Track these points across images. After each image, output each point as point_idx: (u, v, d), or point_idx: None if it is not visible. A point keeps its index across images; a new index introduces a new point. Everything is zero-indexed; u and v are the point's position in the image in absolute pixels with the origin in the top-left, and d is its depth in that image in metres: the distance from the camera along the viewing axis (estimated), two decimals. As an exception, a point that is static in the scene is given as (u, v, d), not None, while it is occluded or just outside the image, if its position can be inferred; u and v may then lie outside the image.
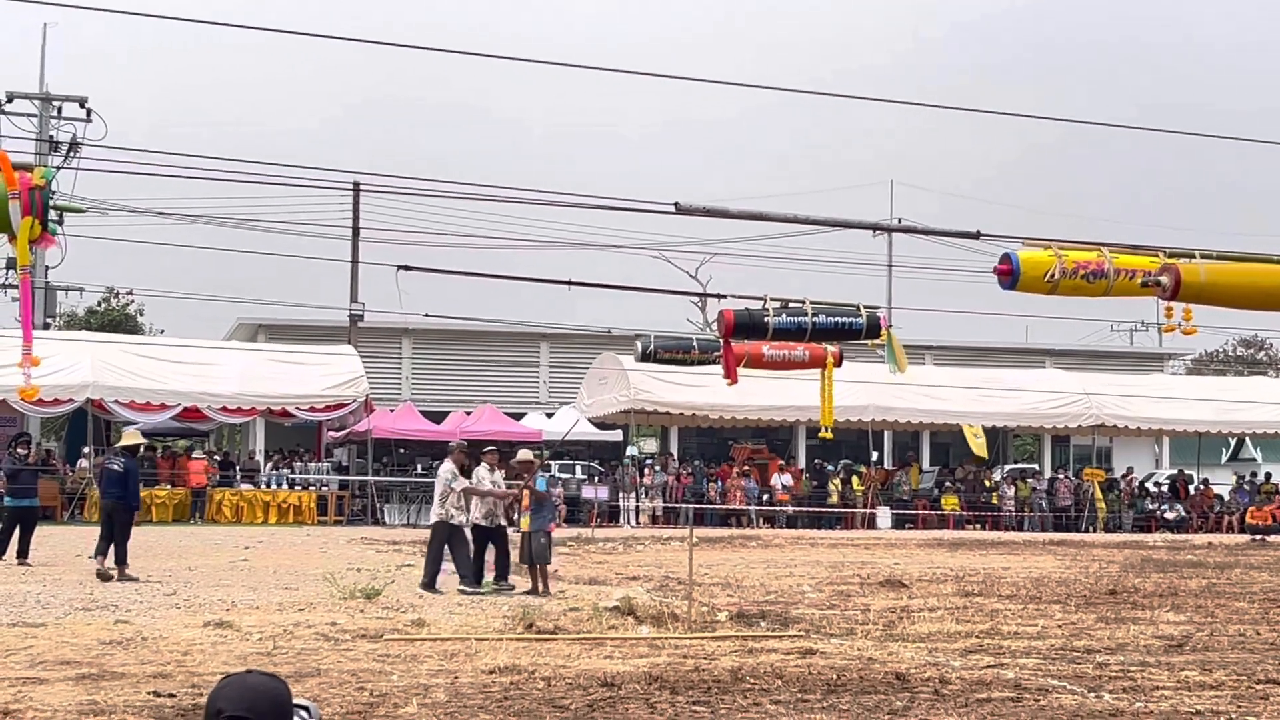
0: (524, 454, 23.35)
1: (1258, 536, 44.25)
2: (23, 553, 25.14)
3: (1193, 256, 13.20)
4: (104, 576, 22.21)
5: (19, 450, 27.18)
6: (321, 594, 20.09)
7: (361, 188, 44.05)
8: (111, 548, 22.76)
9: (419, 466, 45.37)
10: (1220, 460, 60.96)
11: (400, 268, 17.09)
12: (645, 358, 24.82)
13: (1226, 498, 51.04)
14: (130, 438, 25.18)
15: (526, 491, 21.44)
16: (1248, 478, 52.96)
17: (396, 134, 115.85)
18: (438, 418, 46.82)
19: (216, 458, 47.25)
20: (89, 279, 63.42)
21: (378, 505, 43.28)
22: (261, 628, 16.27)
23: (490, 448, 23.13)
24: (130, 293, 67.35)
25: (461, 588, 21.30)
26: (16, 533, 25.29)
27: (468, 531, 22.00)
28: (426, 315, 18.65)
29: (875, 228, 22.05)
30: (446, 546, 21.91)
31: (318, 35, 14.07)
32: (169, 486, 42.20)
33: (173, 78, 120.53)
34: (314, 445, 48.52)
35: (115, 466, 23.67)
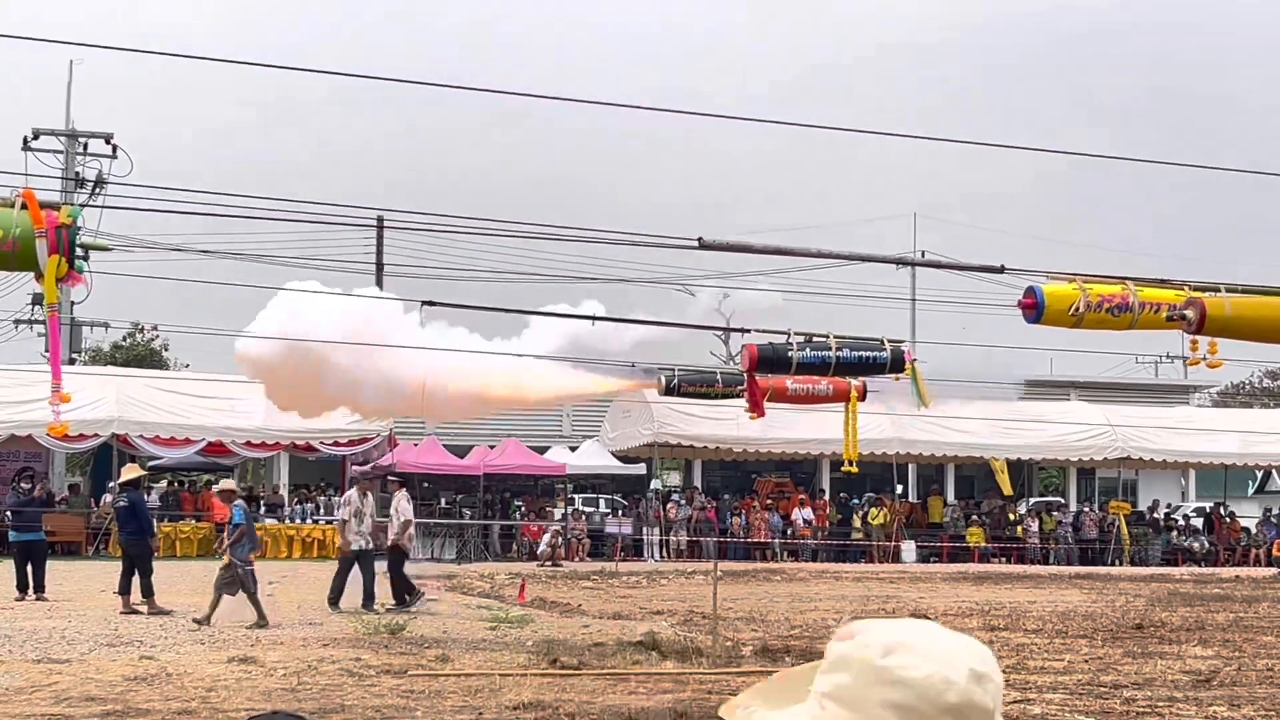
0: (224, 483, 26.15)
1: (1285, 570, 43.98)
2: (38, 586, 25.23)
3: (1218, 290, 13.18)
4: (130, 612, 22.30)
5: (23, 485, 27.30)
6: (346, 629, 20.09)
7: (385, 223, 44.16)
8: (135, 584, 22.84)
9: (443, 501, 45.36)
10: (1247, 493, 60.66)
11: (424, 303, 17.10)
12: (669, 391, 24.82)
13: (1253, 531, 50.75)
14: (130, 471, 25.24)
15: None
16: (1275, 510, 52.66)
17: (422, 168, 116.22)
18: (461, 452, 46.82)
19: (255, 492, 47.30)
20: (114, 314, 63.31)
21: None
22: (286, 663, 16.28)
23: (368, 476, 25.99)
24: (155, 328, 67.50)
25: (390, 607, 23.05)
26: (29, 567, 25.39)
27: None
28: (451, 350, 18.71)
29: (899, 262, 22.04)
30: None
31: (344, 73, 14.15)
32: (194, 521, 42.25)
33: (199, 113, 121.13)
34: (338, 480, 48.53)
35: (122, 503, 23.78)
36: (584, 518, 45.33)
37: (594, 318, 18.13)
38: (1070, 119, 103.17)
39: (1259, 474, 60.75)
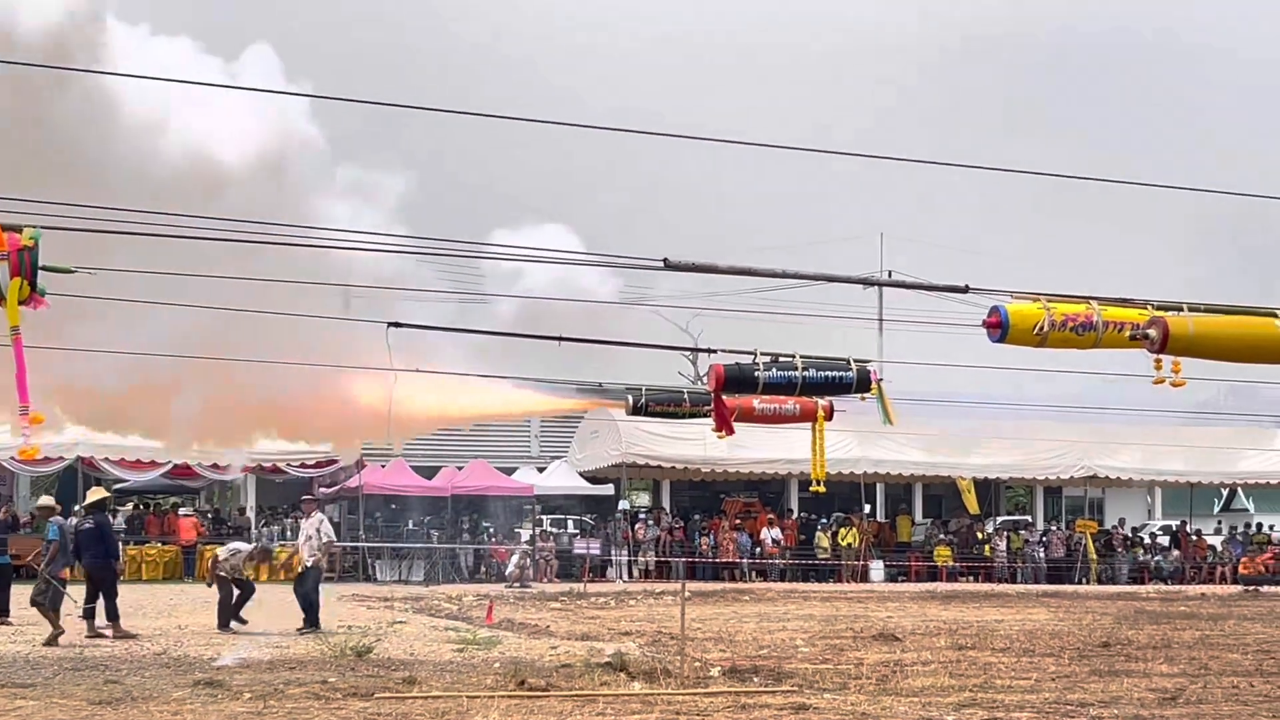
0: (43, 500, 27.28)
1: (1250, 587, 44.16)
2: (2, 610, 25.13)
3: (1181, 309, 13.24)
4: (96, 636, 22.19)
5: (-12, 509, 27.23)
6: (312, 651, 20.01)
7: (352, 245, 44.05)
8: (101, 607, 22.73)
9: (410, 523, 45.27)
10: (1213, 511, 60.91)
11: (390, 324, 17.05)
12: (636, 411, 24.81)
13: (1219, 548, 50.97)
14: (95, 494, 25.14)
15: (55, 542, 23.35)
16: (1240, 528, 52.92)
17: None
18: (429, 473, 46.74)
19: (209, 515, 47.13)
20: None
21: (369, 562, 43.15)
22: (252, 686, 16.20)
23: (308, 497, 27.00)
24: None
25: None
26: None
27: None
28: (417, 371, 18.62)
29: (864, 282, 22.00)
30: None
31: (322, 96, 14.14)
32: (159, 544, 42.06)
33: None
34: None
35: (88, 525, 23.66)
36: (552, 538, 45.28)
37: (560, 338, 18.11)
38: (1035, 136, 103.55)
39: (1224, 492, 61.01)
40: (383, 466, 46.50)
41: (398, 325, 17.22)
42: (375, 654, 19.81)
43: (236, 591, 24.91)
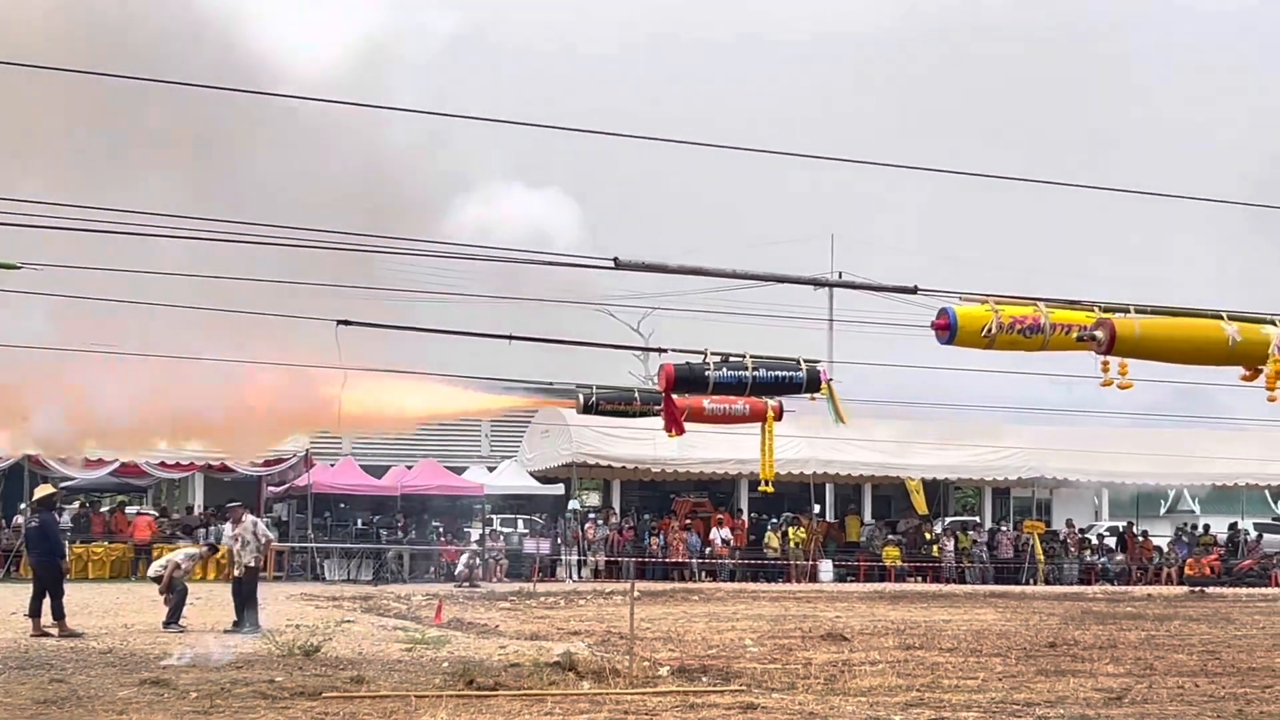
0: (41, 490, 26.58)
1: (1196, 588, 44.49)
2: None
3: (1127, 311, 13.33)
4: (41, 635, 22.04)
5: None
6: (260, 651, 19.93)
7: (298, 243, 43.87)
8: (46, 606, 22.58)
9: (359, 522, 45.10)
10: (1159, 512, 61.29)
11: (339, 322, 16.96)
12: (587, 409, 24.80)
13: (1165, 549, 51.30)
14: (42, 490, 24.99)
15: None
16: (1187, 529, 53.29)
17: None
18: (378, 472, 46.58)
19: (162, 515, 46.84)
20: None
21: (317, 561, 42.97)
22: (199, 685, 16.13)
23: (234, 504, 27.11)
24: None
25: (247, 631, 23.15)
26: None
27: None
28: (367, 369, 18.54)
29: (814, 283, 22.04)
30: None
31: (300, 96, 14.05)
32: (105, 543, 41.79)
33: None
34: (254, 500, 48.12)
35: (33, 524, 23.49)
36: (502, 538, 45.20)
37: (510, 337, 18.09)
38: (990, 140, 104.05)
39: (1170, 494, 61.41)
40: (332, 465, 46.33)
41: (347, 323, 17.14)
42: (323, 653, 19.75)
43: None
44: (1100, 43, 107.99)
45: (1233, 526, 53.23)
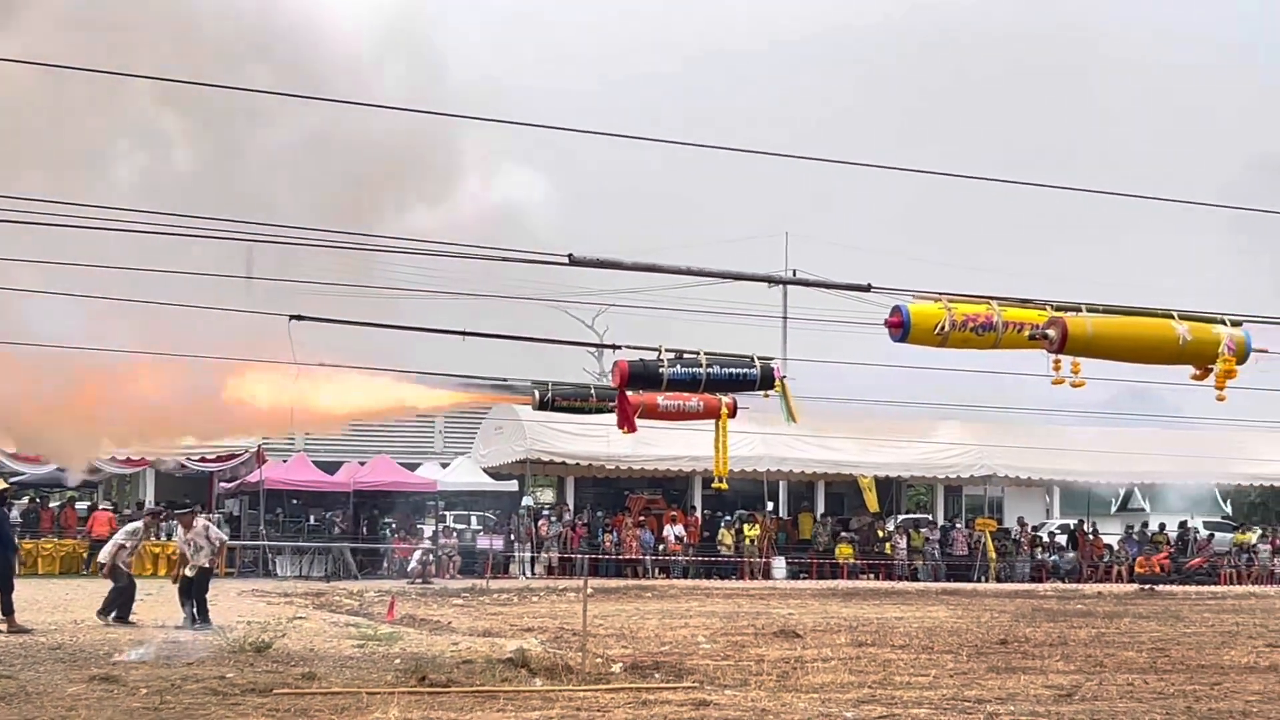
0: None
1: (1146, 586, 44.78)
2: None
3: (1079, 310, 13.40)
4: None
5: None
6: (210, 647, 19.83)
7: (253, 237, 43.64)
8: (-5, 601, 22.43)
9: (312, 518, 44.93)
10: (1110, 510, 61.66)
11: (293, 317, 16.89)
12: (543, 406, 24.78)
13: (1116, 547, 51.59)
14: None
15: None
16: (1137, 528, 53.62)
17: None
18: (331, 468, 46.42)
19: (114, 511, 46.54)
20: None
21: (269, 557, 42.81)
22: (149, 682, 16.03)
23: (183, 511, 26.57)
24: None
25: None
26: None
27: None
28: (320, 365, 18.45)
29: (768, 280, 22.08)
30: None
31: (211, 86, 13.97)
32: (55, 539, 41.54)
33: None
34: (205, 496, 47.87)
35: None
36: (455, 535, 45.10)
37: (464, 333, 18.05)
38: (937, 136, 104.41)
39: (1121, 492, 61.78)
40: (284, 461, 46.13)
41: (300, 318, 17.08)
42: (274, 650, 19.66)
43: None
44: (1061, 40, 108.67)
45: (1183, 525, 53.58)
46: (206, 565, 24.53)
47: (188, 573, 24.58)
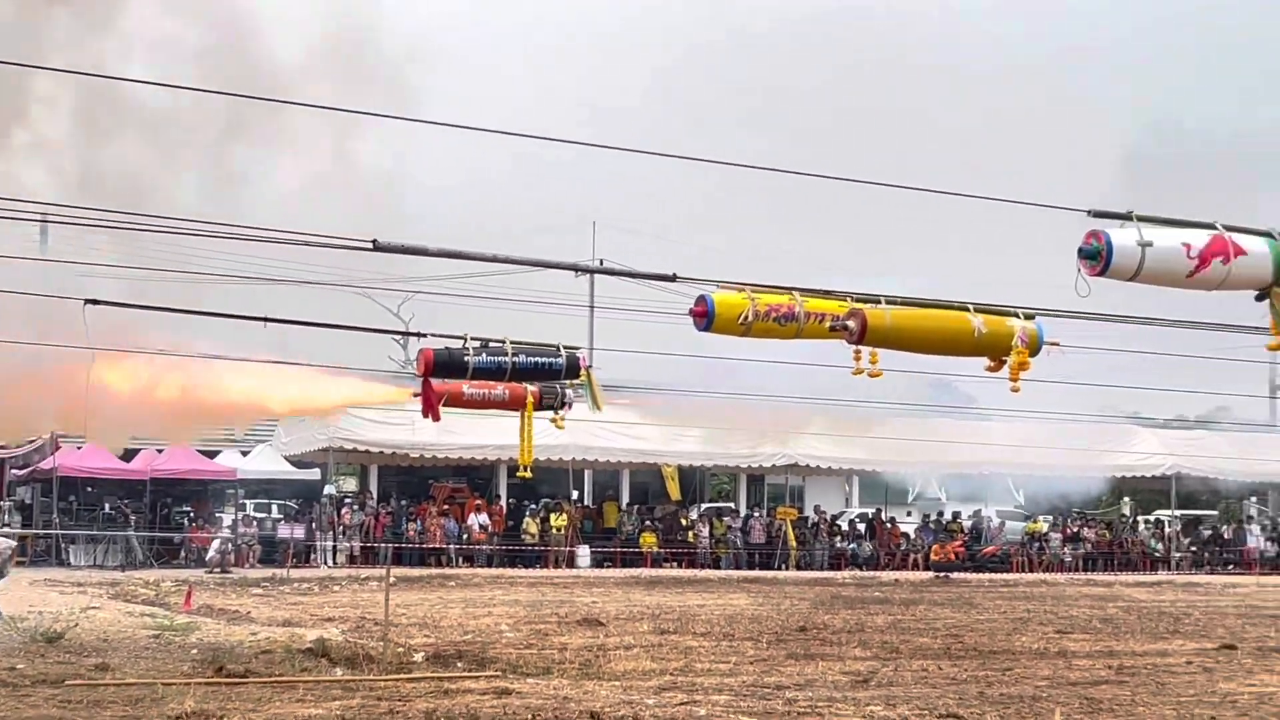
0: None
1: (941, 574, 45.73)
2: None
3: (879, 302, 13.61)
4: None
5: None
6: (0, 638, 19.32)
7: (48, 219, 42.57)
8: None
9: (107, 506, 43.94)
10: (907, 500, 62.82)
11: (88, 302, 16.48)
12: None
13: (913, 536, 52.55)
14: None
15: None
16: (933, 516, 54.70)
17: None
18: (127, 456, 45.40)
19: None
20: None
21: (63, 546, 41.80)
22: (-67, 675, 15.57)
23: None
24: None
25: None
26: None
27: None
28: (117, 351, 18.04)
29: (575, 269, 22.12)
30: None
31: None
32: None
33: None
34: (-3, 484, 46.60)
35: None
36: (255, 523, 44.46)
37: (266, 319, 17.77)
38: (746, 125, 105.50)
39: (918, 482, 62.95)
40: (79, 448, 45.03)
41: (96, 302, 16.67)
42: (67, 640, 19.20)
43: None
44: (878, 32, 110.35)
45: (976, 514, 54.77)
46: None
47: None
